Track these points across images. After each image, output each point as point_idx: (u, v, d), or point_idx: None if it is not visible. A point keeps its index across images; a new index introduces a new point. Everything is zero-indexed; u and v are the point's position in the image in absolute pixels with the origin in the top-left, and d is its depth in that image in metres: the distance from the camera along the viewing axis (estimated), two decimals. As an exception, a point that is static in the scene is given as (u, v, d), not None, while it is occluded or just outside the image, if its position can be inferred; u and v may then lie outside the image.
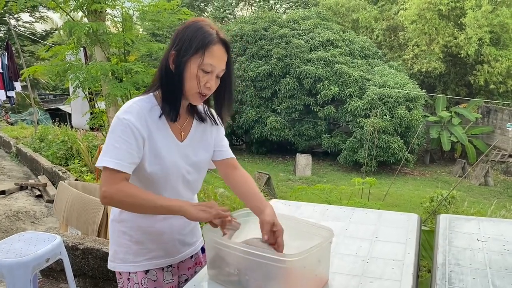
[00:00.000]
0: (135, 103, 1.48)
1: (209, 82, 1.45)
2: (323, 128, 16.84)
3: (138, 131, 1.44)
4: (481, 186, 14.68)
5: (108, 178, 1.40)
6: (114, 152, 1.41)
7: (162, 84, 1.49)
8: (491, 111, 18.46)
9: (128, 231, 1.60)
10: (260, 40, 17.80)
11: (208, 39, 1.43)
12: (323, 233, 1.46)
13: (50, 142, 8.08)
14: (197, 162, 1.61)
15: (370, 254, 1.62)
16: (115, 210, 1.62)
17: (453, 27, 18.57)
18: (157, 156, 1.49)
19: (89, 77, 4.48)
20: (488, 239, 1.69)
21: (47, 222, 5.33)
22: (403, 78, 16.56)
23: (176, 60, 1.44)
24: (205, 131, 1.64)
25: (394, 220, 1.94)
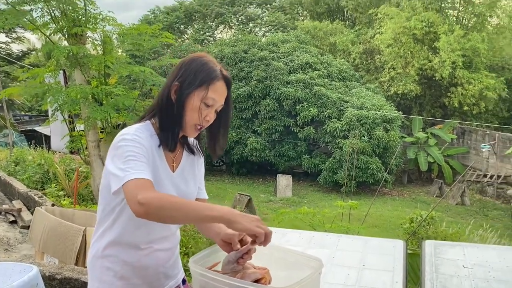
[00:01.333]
0: (137, 130, 1.47)
1: (208, 115, 1.49)
2: (303, 148, 16.96)
3: (147, 151, 1.43)
4: (458, 205, 14.92)
5: (140, 187, 1.32)
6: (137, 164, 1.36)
7: (161, 113, 1.51)
8: (465, 132, 18.93)
9: (113, 266, 1.53)
10: (240, 62, 17.96)
11: (213, 74, 1.48)
12: (312, 264, 1.44)
13: (26, 166, 7.88)
14: (186, 193, 1.59)
15: (358, 283, 1.61)
16: (97, 245, 1.55)
17: (427, 50, 19.12)
18: (156, 182, 1.46)
19: (69, 100, 4.42)
20: (473, 265, 1.70)
21: (21, 249, 5.15)
22: (380, 100, 16.90)
23: (179, 92, 1.47)
24: (193, 164, 1.65)
25: (380, 247, 1.94)
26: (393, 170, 16.54)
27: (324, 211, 4.29)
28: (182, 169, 1.58)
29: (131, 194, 1.32)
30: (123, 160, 1.37)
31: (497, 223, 12.76)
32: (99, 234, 1.55)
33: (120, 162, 1.37)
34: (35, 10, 4.65)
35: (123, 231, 1.50)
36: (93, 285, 1.57)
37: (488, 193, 16.41)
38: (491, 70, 19.83)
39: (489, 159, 17.32)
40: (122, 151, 1.39)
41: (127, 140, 1.41)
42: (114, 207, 1.50)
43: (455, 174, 17.41)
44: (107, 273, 1.53)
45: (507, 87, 19.08)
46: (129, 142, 1.40)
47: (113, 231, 1.51)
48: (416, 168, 18.34)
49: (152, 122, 1.52)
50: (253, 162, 17.30)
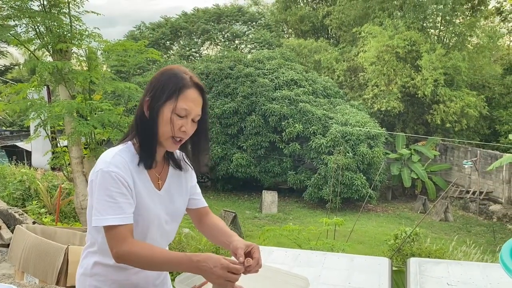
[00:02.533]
0: (117, 154, 1.45)
1: (184, 126, 1.44)
2: (289, 165, 17.00)
3: (126, 182, 1.41)
4: (442, 221, 15.07)
5: (116, 237, 1.37)
6: (113, 208, 1.37)
7: (138, 131, 1.49)
8: (448, 149, 19.23)
9: (101, 285, 1.51)
10: (226, 79, 18.04)
11: (182, 83, 1.44)
12: (299, 283, 1.44)
13: (7, 182, 7.72)
14: (174, 210, 1.58)
15: (344, 302, 1.60)
16: (86, 263, 1.53)
17: (410, 68, 19.49)
18: (141, 207, 1.46)
19: (52, 116, 4.37)
20: (457, 283, 1.71)
21: (0, 268, 5.02)
22: (364, 117, 17.11)
23: (150, 106, 1.44)
24: (180, 178, 1.62)
25: (365, 264, 1.94)
26: (378, 186, 16.67)
27: (309, 228, 4.29)
28: (169, 186, 1.56)
29: (108, 242, 1.39)
30: (100, 197, 1.39)
31: (480, 239, 12.91)
32: (88, 253, 1.53)
33: (97, 200, 1.39)
34: (20, 26, 4.63)
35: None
36: None
37: (470, 209, 16.63)
38: (472, 88, 20.28)
39: (471, 175, 17.59)
40: (99, 187, 1.40)
41: (104, 172, 1.39)
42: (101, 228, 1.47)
43: (438, 190, 17.62)
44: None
45: (488, 104, 19.52)
46: (105, 177, 1.39)
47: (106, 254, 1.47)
48: (400, 184, 18.51)
49: (133, 142, 1.50)
50: (239, 178, 17.26)
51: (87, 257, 1.53)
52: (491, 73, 21.46)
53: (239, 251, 1.45)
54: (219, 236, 1.63)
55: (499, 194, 16.40)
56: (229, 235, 1.60)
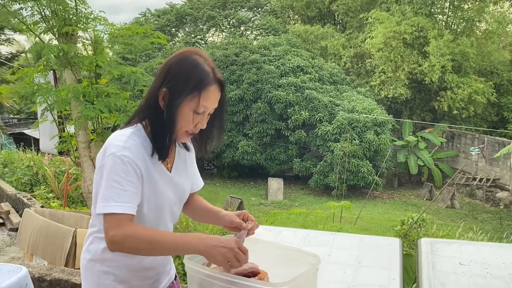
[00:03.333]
0: (129, 138, 1.38)
1: (200, 122, 1.41)
2: (294, 152, 16.97)
3: (138, 169, 1.35)
4: (448, 208, 15.03)
5: (115, 222, 1.30)
6: (119, 195, 1.31)
7: (150, 119, 1.42)
8: (455, 136, 19.11)
9: (113, 270, 1.46)
10: (232, 66, 17.95)
11: (206, 80, 1.37)
12: (309, 260, 1.42)
13: (15, 168, 7.77)
14: (182, 191, 1.55)
15: (355, 281, 1.59)
16: (94, 248, 1.47)
17: (417, 55, 19.29)
18: (156, 191, 1.41)
19: (59, 99, 4.36)
20: (470, 262, 1.69)
21: (9, 252, 5.07)
22: (370, 104, 16.99)
23: (168, 100, 1.37)
24: (185, 158, 1.59)
25: (376, 245, 1.92)
26: (384, 173, 16.63)
27: (317, 211, 4.28)
28: (176, 167, 1.53)
29: (106, 228, 1.31)
30: (109, 183, 1.32)
31: (487, 225, 12.87)
32: (96, 238, 1.46)
33: (105, 185, 1.32)
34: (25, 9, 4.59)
35: None
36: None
37: (477, 196, 16.56)
38: (480, 74, 20.07)
39: (478, 162, 17.49)
40: (108, 171, 1.33)
41: (115, 157, 1.33)
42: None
43: (445, 177, 17.55)
44: (106, 277, 1.45)
45: (496, 91, 19.31)
46: (117, 162, 1.33)
47: None
48: (406, 171, 18.45)
49: (143, 124, 1.44)
50: (244, 165, 17.27)
51: (94, 242, 1.47)
52: (500, 59, 21.18)
53: (236, 220, 1.50)
54: (207, 215, 1.66)
55: (506, 181, 16.32)
56: (217, 212, 1.62)
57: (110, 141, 1.38)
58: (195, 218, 1.74)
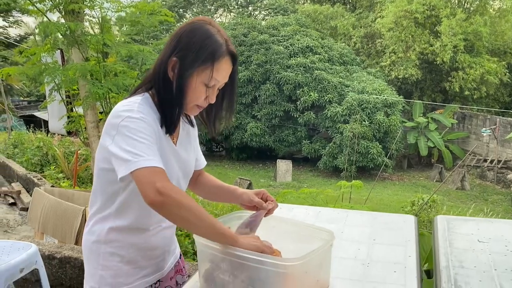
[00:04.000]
0: (140, 104, 1.30)
1: (210, 96, 1.35)
2: (303, 134, 16.89)
3: (155, 133, 1.29)
4: (458, 190, 14.93)
5: (158, 175, 1.18)
6: (149, 148, 1.22)
7: (158, 90, 1.35)
8: (466, 117, 18.85)
9: (118, 251, 1.41)
10: (240, 46, 17.77)
11: (219, 52, 1.30)
12: (323, 236, 1.37)
13: (25, 148, 7.81)
14: (188, 166, 1.51)
15: (369, 258, 1.54)
16: (98, 229, 1.41)
17: (428, 34, 18.93)
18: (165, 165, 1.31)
19: (66, 79, 4.32)
20: (489, 240, 1.64)
21: (21, 231, 5.11)
22: (381, 85, 16.78)
23: (179, 71, 1.30)
24: (189, 133, 1.53)
25: (390, 222, 1.88)
26: (394, 154, 16.51)
27: (327, 190, 4.23)
28: (181, 141, 1.47)
29: (147, 180, 1.18)
30: (131, 141, 1.21)
31: (497, 207, 12.78)
32: (99, 218, 1.40)
33: (126, 144, 1.21)
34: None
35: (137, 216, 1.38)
36: (95, 273, 1.43)
37: (488, 177, 16.40)
38: (493, 54, 19.67)
39: (490, 143, 17.27)
40: (128, 131, 1.23)
41: (133, 118, 1.24)
42: (117, 192, 1.36)
43: (455, 159, 17.39)
44: (112, 259, 1.41)
45: (509, 71, 18.95)
46: (137, 122, 1.24)
47: (123, 216, 1.38)
48: (416, 153, 18.30)
49: (150, 93, 1.37)
50: (253, 147, 17.24)
51: (97, 223, 1.41)
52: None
53: (255, 199, 1.45)
54: (221, 193, 1.61)
55: (518, 162, 16.13)
56: (232, 190, 1.57)
57: (118, 109, 1.29)
58: (207, 197, 1.67)
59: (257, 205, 1.48)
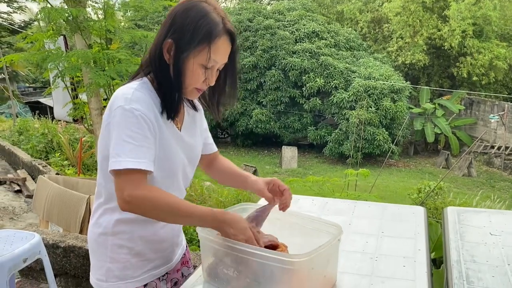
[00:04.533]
0: (137, 90, 1.26)
1: (209, 78, 1.29)
2: (309, 120, 16.79)
3: (151, 123, 1.24)
4: (465, 177, 14.83)
5: (130, 181, 1.18)
6: (133, 150, 1.19)
7: (156, 74, 1.30)
8: (473, 103, 18.64)
9: (127, 243, 1.38)
10: (245, 32, 17.60)
11: (215, 31, 1.23)
12: (330, 230, 1.33)
13: (30, 135, 7.80)
14: (193, 152, 1.46)
15: (378, 251, 1.50)
16: (105, 221, 1.37)
17: (437, 19, 18.64)
18: (166, 152, 1.31)
19: (70, 66, 4.26)
20: (501, 233, 1.59)
21: (26, 218, 5.12)
22: (388, 70, 16.58)
23: (175, 53, 1.24)
24: (195, 118, 1.48)
25: (399, 213, 1.83)
26: (400, 141, 16.40)
27: (334, 179, 4.18)
28: (186, 127, 1.42)
29: (118, 186, 1.20)
30: (118, 140, 1.20)
31: (504, 194, 12.69)
32: (106, 210, 1.37)
33: (115, 142, 1.20)
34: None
35: None
36: (103, 265, 1.39)
37: (495, 164, 16.27)
38: (502, 39, 19.36)
39: (497, 130, 17.10)
40: (118, 127, 1.21)
41: (124, 111, 1.20)
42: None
43: (462, 145, 17.25)
44: (120, 251, 1.37)
45: (518, 56, 18.67)
46: (126, 116, 1.20)
47: None
48: (423, 139, 18.17)
49: (149, 78, 1.32)
50: (258, 134, 17.18)
51: (104, 214, 1.37)
52: (524, 23, 20.36)
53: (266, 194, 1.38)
54: (233, 179, 1.58)
55: (526, 149, 15.97)
56: (244, 176, 1.54)
57: (116, 95, 1.26)
58: (221, 181, 1.65)
59: (266, 199, 1.43)
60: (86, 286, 2.96)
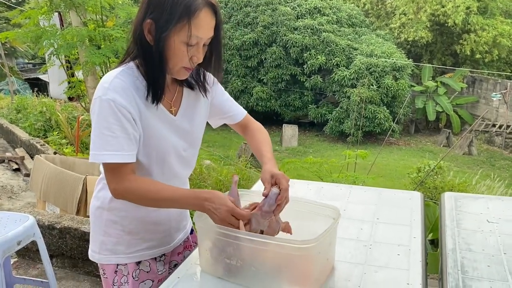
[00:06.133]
0: (116, 78, 1.22)
1: (195, 55, 1.23)
2: (310, 98, 16.67)
3: (129, 112, 1.21)
4: (465, 155, 14.80)
5: (113, 174, 1.22)
6: (111, 143, 1.19)
7: (140, 57, 1.26)
8: (476, 81, 18.46)
9: (120, 220, 1.40)
10: (246, 7, 17.30)
11: (194, 5, 1.16)
12: (328, 213, 1.31)
13: (28, 113, 7.75)
14: (193, 136, 1.42)
15: (372, 239, 1.48)
16: (102, 195, 1.40)
17: (441, -5, 18.30)
18: (152, 139, 1.29)
19: (65, 44, 4.19)
20: (499, 220, 1.56)
21: (25, 197, 5.12)
22: (390, 47, 16.35)
23: (155, 33, 1.19)
24: (199, 98, 1.43)
25: (395, 199, 1.80)
26: (401, 119, 16.30)
27: (332, 160, 4.16)
28: (184, 111, 1.38)
29: (106, 179, 1.26)
30: (97, 131, 1.20)
31: (504, 172, 12.69)
32: (104, 184, 1.37)
33: (94, 133, 1.21)
34: None
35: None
36: (97, 238, 1.44)
37: (496, 143, 16.22)
38: (507, 16, 19.03)
39: (499, 108, 16.98)
40: (96, 118, 1.20)
41: (102, 101, 1.19)
42: None
43: (463, 123, 17.17)
44: (113, 227, 1.41)
45: (523, 33, 18.38)
46: (104, 106, 1.18)
47: None
48: (424, 117, 18.06)
49: (136, 63, 1.27)
50: (259, 112, 17.07)
51: (103, 189, 1.39)
52: (530, -1, 19.97)
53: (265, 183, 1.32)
54: (257, 155, 1.55)
55: (528, 128, 15.88)
56: (261, 157, 1.48)
57: (100, 83, 1.24)
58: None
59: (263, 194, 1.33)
60: (82, 267, 2.97)
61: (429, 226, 3.49)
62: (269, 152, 1.49)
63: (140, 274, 1.44)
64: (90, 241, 1.47)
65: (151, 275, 1.46)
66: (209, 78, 1.44)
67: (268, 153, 1.48)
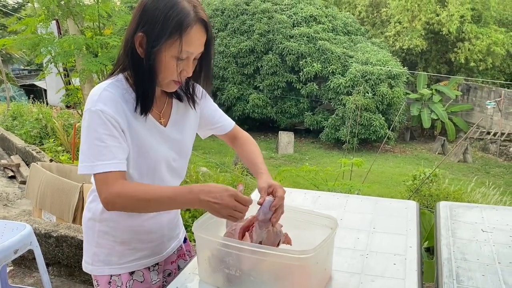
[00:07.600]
0: (105, 90, 1.24)
1: (185, 70, 1.25)
2: (306, 105, 16.73)
3: (117, 123, 1.23)
4: (460, 163, 14.88)
5: (103, 183, 1.21)
6: (103, 152, 1.19)
7: (130, 70, 1.27)
8: (471, 89, 18.61)
9: (112, 231, 1.40)
10: (242, 15, 17.39)
11: (186, 21, 1.18)
12: (325, 222, 1.33)
13: (24, 120, 7.73)
14: (183, 146, 1.43)
15: (368, 248, 1.49)
16: (94, 207, 1.41)
17: (435, 3, 18.46)
18: (141, 150, 1.30)
19: (62, 52, 4.20)
20: (493, 229, 1.58)
21: (20, 205, 5.10)
22: (385, 55, 16.47)
23: (146, 47, 1.20)
24: (188, 110, 1.45)
25: (391, 208, 1.82)
26: (396, 127, 16.39)
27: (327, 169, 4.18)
28: (174, 122, 1.40)
29: (97, 188, 1.23)
30: (88, 142, 1.20)
31: (499, 180, 12.75)
32: (95, 195, 1.38)
33: (85, 144, 1.21)
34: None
35: None
36: (90, 249, 1.44)
37: (490, 150, 16.32)
38: (501, 24, 19.23)
39: (494, 116, 17.11)
40: (86, 129, 1.21)
41: (91, 113, 1.20)
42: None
43: (458, 131, 17.26)
44: (105, 237, 1.41)
45: (516, 42, 18.57)
46: (93, 117, 1.20)
47: None
48: (419, 125, 18.16)
49: (125, 75, 1.29)
50: (255, 119, 17.12)
51: (94, 200, 1.40)
52: (523, 8, 20.21)
53: (261, 191, 1.33)
54: (249, 165, 1.55)
55: (522, 135, 15.99)
56: (256, 169, 1.48)
57: (89, 95, 1.25)
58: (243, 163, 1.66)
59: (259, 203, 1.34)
60: (78, 275, 2.96)
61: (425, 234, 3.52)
62: (263, 164, 1.51)
63: (134, 284, 1.44)
64: (84, 252, 1.47)
65: (145, 285, 1.46)
66: (198, 91, 1.46)
67: (263, 165, 1.50)
